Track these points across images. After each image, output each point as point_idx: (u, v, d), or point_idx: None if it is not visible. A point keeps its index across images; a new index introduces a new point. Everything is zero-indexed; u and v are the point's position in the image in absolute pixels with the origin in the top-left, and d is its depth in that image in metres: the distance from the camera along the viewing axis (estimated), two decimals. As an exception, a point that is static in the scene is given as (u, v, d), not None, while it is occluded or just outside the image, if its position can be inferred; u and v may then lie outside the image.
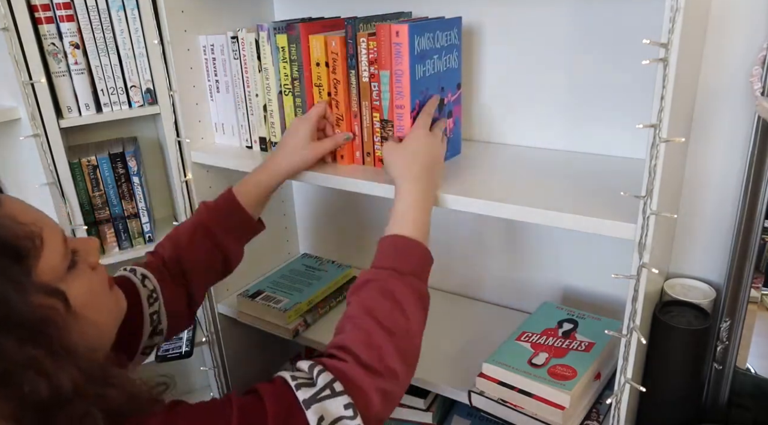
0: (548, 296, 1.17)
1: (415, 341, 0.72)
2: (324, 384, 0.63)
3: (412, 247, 0.77)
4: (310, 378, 0.64)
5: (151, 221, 1.26)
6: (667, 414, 0.90)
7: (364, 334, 0.68)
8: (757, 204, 0.84)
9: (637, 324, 0.74)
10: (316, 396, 0.62)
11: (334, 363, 0.65)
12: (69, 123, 1.10)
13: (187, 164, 1.19)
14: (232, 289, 1.34)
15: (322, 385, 0.62)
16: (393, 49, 0.88)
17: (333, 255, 1.43)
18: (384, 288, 0.72)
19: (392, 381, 0.67)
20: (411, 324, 0.71)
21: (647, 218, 0.69)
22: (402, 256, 0.76)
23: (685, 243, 0.98)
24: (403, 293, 0.72)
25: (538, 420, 0.88)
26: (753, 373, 0.94)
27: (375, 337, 0.68)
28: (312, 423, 0.60)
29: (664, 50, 0.63)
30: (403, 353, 0.69)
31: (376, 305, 0.71)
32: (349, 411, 0.62)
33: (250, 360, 1.41)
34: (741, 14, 0.83)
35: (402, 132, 0.91)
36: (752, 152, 0.83)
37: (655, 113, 0.65)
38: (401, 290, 0.72)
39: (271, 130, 1.12)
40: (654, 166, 0.67)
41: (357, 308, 0.72)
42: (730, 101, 0.87)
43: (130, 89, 1.15)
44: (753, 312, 0.90)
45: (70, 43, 1.07)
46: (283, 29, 1.01)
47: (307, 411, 0.60)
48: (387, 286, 0.72)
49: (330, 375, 0.63)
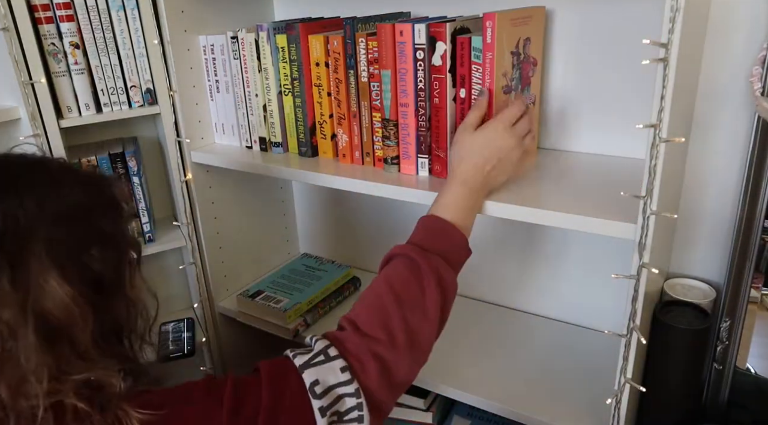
0: (549, 297, 1.17)
1: (427, 318, 0.71)
2: (319, 349, 0.65)
3: (447, 229, 0.77)
4: (307, 346, 0.67)
5: (151, 221, 1.26)
6: (667, 414, 0.90)
7: (374, 297, 0.71)
8: (757, 204, 0.84)
9: (637, 324, 0.74)
10: (310, 361, 0.64)
11: (334, 332, 0.69)
12: (69, 123, 1.10)
13: (187, 164, 1.19)
14: (232, 289, 1.34)
15: (316, 351, 0.65)
16: (397, 48, 0.88)
17: (333, 255, 1.43)
18: (407, 262, 0.73)
19: (390, 348, 0.67)
20: (425, 301, 0.71)
21: (647, 218, 0.69)
22: (433, 235, 0.76)
23: (685, 243, 0.98)
24: (424, 269, 0.72)
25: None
26: (753, 373, 0.94)
27: (383, 300, 0.69)
28: (306, 383, 0.62)
29: (664, 50, 0.63)
30: (408, 324, 0.69)
31: (395, 275, 0.72)
32: (345, 375, 0.64)
33: (250, 360, 1.40)
34: (741, 14, 0.83)
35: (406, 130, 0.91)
36: (752, 152, 0.83)
37: (655, 112, 0.65)
38: (423, 266, 0.72)
39: (271, 130, 1.12)
40: (654, 166, 0.67)
41: (377, 278, 0.73)
42: (730, 101, 0.87)
43: (130, 89, 1.14)
44: (753, 312, 0.90)
45: (70, 43, 1.07)
46: (282, 29, 1.02)
47: (303, 374, 0.63)
48: (410, 260, 0.73)
49: (326, 341, 0.66)
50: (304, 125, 1.06)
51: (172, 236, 1.29)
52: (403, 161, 0.96)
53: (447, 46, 0.85)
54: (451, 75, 0.87)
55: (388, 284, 0.71)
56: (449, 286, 0.74)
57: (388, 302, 0.69)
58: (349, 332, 0.68)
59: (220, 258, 1.30)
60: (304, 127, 1.06)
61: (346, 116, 1.00)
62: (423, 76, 0.88)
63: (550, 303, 1.18)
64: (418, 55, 0.87)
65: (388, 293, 0.70)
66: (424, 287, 0.71)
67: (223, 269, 1.32)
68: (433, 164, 0.93)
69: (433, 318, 0.71)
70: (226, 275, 1.33)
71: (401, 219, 1.30)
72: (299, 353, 0.66)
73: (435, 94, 0.89)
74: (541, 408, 0.94)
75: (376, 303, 0.70)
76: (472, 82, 0.86)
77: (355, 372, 0.64)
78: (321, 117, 1.04)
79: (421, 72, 0.88)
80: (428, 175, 0.94)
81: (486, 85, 0.84)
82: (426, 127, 0.91)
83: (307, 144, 1.07)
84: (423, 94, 0.89)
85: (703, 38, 0.86)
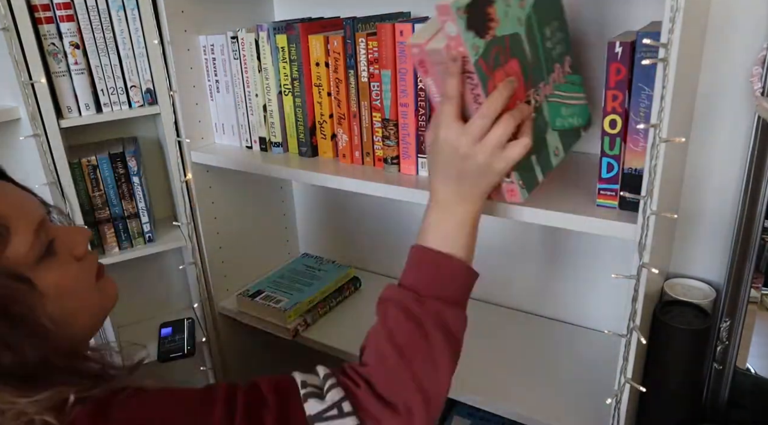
0: (549, 297, 1.17)
1: (438, 371, 0.66)
2: (332, 402, 0.61)
3: (438, 262, 0.69)
4: (320, 388, 0.62)
5: (151, 221, 1.26)
6: (667, 414, 0.90)
7: (382, 357, 0.65)
8: (757, 204, 0.84)
9: (637, 324, 0.74)
10: (323, 414, 0.60)
11: (348, 384, 0.63)
12: (69, 123, 1.10)
13: (187, 164, 1.19)
14: (232, 289, 1.34)
15: (330, 403, 0.61)
16: (397, 48, 0.88)
17: (333, 255, 1.44)
18: (406, 313, 0.67)
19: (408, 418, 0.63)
20: (435, 355, 0.65)
21: (647, 218, 0.69)
22: (425, 274, 0.69)
23: (685, 243, 0.98)
24: (425, 321, 0.66)
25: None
26: (753, 373, 0.94)
27: (393, 362, 0.64)
28: None
29: (664, 50, 0.63)
30: (419, 382, 0.64)
31: (399, 333, 0.66)
32: None
33: (250, 360, 1.41)
34: (741, 14, 0.83)
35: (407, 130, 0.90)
36: (752, 152, 0.83)
37: (655, 112, 0.65)
38: (422, 317, 0.66)
39: (270, 130, 1.12)
40: (654, 166, 0.67)
41: (379, 328, 0.68)
42: (730, 101, 0.87)
43: (130, 89, 1.15)
44: (753, 312, 0.90)
45: (70, 43, 1.07)
46: (282, 29, 1.02)
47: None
48: (409, 311, 0.66)
49: (341, 392, 0.62)
50: (304, 125, 1.06)
51: (172, 236, 1.29)
52: (403, 161, 0.96)
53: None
54: (451, 75, 0.87)
55: (392, 343, 0.65)
56: (456, 330, 0.67)
57: (396, 365, 0.64)
58: (364, 391, 0.63)
59: (220, 258, 1.30)
60: (304, 127, 1.07)
61: (346, 116, 1.00)
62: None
63: (550, 303, 1.18)
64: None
65: (396, 355, 0.65)
66: (431, 341, 0.65)
67: (223, 269, 1.32)
68: (433, 164, 0.93)
69: (444, 371, 0.66)
70: (226, 275, 1.33)
71: (401, 219, 1.30)
72: (311, 394, 0.61)
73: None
74: (541, 407, 0.94)
75: (386, 364, 0.65)
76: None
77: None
78: (321, 117, 1.04)
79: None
80: (428, 175, 0.94)
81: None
82: (426, 127, 0.91)
83: (307, 144, 1.07)
84: (423, 94, 0.89)
85: (703, 38, 0.86)
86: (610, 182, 0.76)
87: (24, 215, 0.59)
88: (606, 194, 0.77)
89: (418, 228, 0.73)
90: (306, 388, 0.62)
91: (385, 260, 1.38)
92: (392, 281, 0.71)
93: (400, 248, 1.31)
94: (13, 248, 0.56)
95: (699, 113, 0.90)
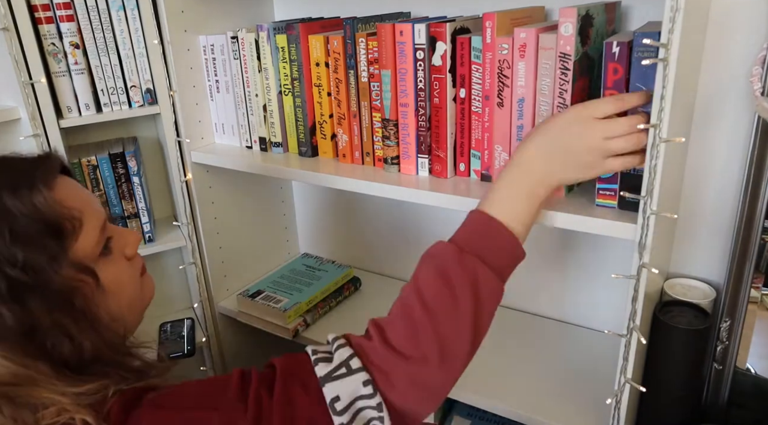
0: (549, 297, 1.17)
1: (459, 328, 0.65)
2: (340, 361, 0.63)
3: (492, 229, 0.69)
4: (329, 352, 0.64)
5: (151, 221, 1.26)
6: (667, 414, 0.90)
7: (404, 308, 0.67)
8: (757, 204, 0.84)
9: (637, 324, 0.74)
10: (332, 373, 0.62)
11: (359, 340, 0.66)
12: (69, 123, 1.10)
13: (187, 164, 1.19)
14: (232, 289, 1.34)
15: (338, 362, 0.63)
16: (397, 48, 0.88)
17: (333, 255, 1.44)
18: (442, 266, 0.67)
19: (419, 364, 0.63)
20: (459, 309, 0.65)
21: (647, 218, 0.69)
22: (476, 235, 0.70)
23: (685, 243, 0.98)
24: (457, 274, 0.66)
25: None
26: (753, 373, 0.94)
27: (414, 314, 0.65)
28: (327, 398, 0.61)
29: (664, 50, 0.63)
30: (441, 338, 0.64)
31: (426, 285, 0.67)
32: (368, 389, 0.61)
33: (250, 360, 1.41)
34: (741, 14, 0.83)
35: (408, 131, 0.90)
36: (752, 152, 0.83)
37: (655, 112, 0.65)
38: (456, 270, 0.66)
39: (271, 130, 1.12)
40: (654, 166, 0.67)
41: (410, 283, 0.69)
42: (730, 101, 0.87)
43: (130, 89, 1.15)
44: (753, 312, 0.90)
45: (70, 43, 1.07)
46: (282, 29, 1.02)
47: (323, 388, 0.61)
48: (445, 264, 0.67)
49: (348, 351, 0.63)
50: (304, 125, 1.06)
51: (172, 236, 1.29)
52: (403, 161, 0.96)
53: (447, 46, 0.85)
54: (451, 75, 0.87)
55: (418, 294, 0.66)
56: (486, 293, 0.67)
57: (418, 316, 0.65)
58: (376, 343, 0.64)
59: (220, 258, 1.30)
60: (304, 127, 1.07)
61: (346, 115, 1.00)
62: (423, 76, 0.88)
63: (550, 303, 1.18)
64: (418, 55, 0.87)
65: (419, 305, 0.65)
66: (457, 295, 0.65)
67: (223, 269, 1.32)
68: (433, 164, 0.93)
69: (465, 328, 0.66)
70: (226, 275, 1.33)
71: (401, 219, 1.30)
72: (321, 358, 0.63)
73: (435, 94, 0.89)
74: (541, 407, 0.94)
75: (406, 315, 0.66)
76: (472, 82, 0.86)
77: (378, 385, 0.62)
78: (321, 117, 1.04)
79: (421, 72, 0.88)
80: (428, 175, 0.94)
81: (486, 85, 0.84)
82: (426, 127, 0.91)
83: (307, 144, 1.07)
84: (423, 94, 0.89)
85: (703, 38, 0.86)
86: (610, 182, 0.77)
87: (93, 211, 0.64)
88: (605, 194, 0.77)
89: (418, 228, 0.73)
90: (316, 355, 0.64)
91: (385, 260, 1.38)
92: (392, 281, 0.72)
93: (400, 248, 1.32)
94: (83, 242, 0.61)
95: (699, 113, 0.90)
